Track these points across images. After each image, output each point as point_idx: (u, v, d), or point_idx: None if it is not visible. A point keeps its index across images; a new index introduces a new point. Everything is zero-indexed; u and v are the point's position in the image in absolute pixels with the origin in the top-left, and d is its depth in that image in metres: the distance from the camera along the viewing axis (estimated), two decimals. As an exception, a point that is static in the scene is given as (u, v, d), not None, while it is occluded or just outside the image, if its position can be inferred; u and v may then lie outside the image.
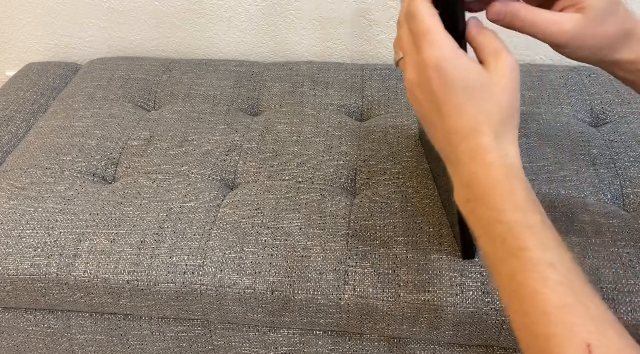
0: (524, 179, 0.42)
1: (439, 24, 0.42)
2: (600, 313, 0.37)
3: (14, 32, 1.09)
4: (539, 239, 0.39)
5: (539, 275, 0.38)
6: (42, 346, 0.72)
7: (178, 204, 0.70)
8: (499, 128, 0.42)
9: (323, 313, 0.63)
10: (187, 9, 1.01)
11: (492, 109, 0.41)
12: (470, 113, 0.41)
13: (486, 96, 0.41)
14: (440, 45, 0.41)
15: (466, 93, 0.41)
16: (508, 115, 0.42)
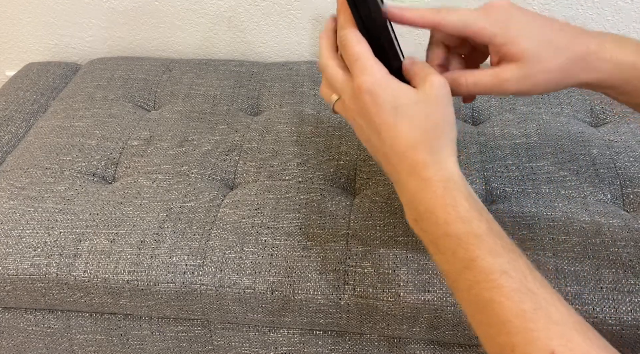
0: (466, 190, 0.42)
1: (367, 50, 0.44)
2: (562, 316, 0.36)
3: (14, 32, 1.09)
4: (487, 248, 0.39)
5: (493, 284, 0.37)
6: (42, 346, 0.72)
7: (178, 204, 0.70)
8: (434, 143, 0.42)
9: (323, 313, 0.63)
10: (187, 9, 1.01)
11: (426, 126, 0.42)
12: (405, 132, 0.42)
13: (418, 113, 0.42)
14: (370, 71, 0.43)
15: (399, 112, 0.42)
16: (442, 130, 0.43)
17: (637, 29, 0.94)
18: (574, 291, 0.59)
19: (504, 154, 0.75)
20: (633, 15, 0.92)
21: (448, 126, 0.43)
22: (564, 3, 0.92)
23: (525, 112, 0.83)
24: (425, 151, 0.42)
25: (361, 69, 0.43)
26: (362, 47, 0.44)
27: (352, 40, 0.44)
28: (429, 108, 0.43)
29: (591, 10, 0.92)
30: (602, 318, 0.58)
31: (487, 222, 0.40)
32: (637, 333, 0.57)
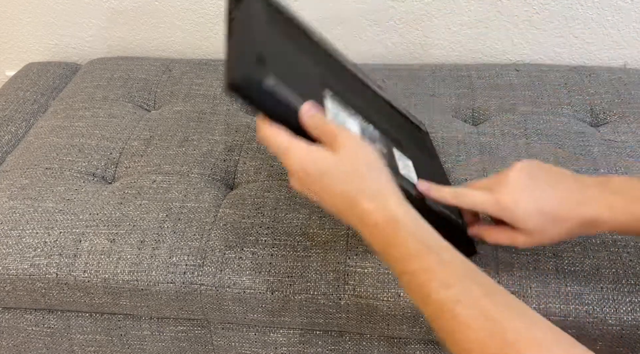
0: (412, 225, 0.44)
1: (284, 135, 0.48)
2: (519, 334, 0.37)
3: (14, 32, 1.09)
4: (439, 281, 0.41)
5: (449, 314, 0.39)
6: (42, 346, 0.72)
7: (178, 204, 0.70)
8: (369, 191, 0.46)
9: (323, 313, 0.63)
10: (187, 9, 1.01)
11: (354, 179, 0.46)
12: (339, 191, 0.46)
13: (343, 173, 0.46)
14: (292, 153, 0.47)
15: (326, 177, 0.46)
16: (371, 177, 0.46)
17: (637, 29, 0.94)
18: (574, 291, 0.59)
19: (504, 154, 0.75)
20: (633, 15, 0.92)
21: (375, 171, 0.47)
22: (564, 3, 0.92)
23: (525, 112, 0.83)
24: (365, 200, 0.45)
25: (285, 155, 0.48)
26: (279, 136, 0.48)
27: (269, 136, 0.48)
28: (350, 165, 0.46)
29: (591, 10, 0.92)
30: (602, 318, 0.58)
31: (436, 254, 0.42)
32: (637, 333, 0.57)
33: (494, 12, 0.94)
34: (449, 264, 0.42)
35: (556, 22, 0.94)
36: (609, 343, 0.59)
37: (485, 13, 0.95)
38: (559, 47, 0.97)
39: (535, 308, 0.58)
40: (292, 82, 0.49)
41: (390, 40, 1.00)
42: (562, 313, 0.58)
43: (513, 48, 0.98)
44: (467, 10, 0.95)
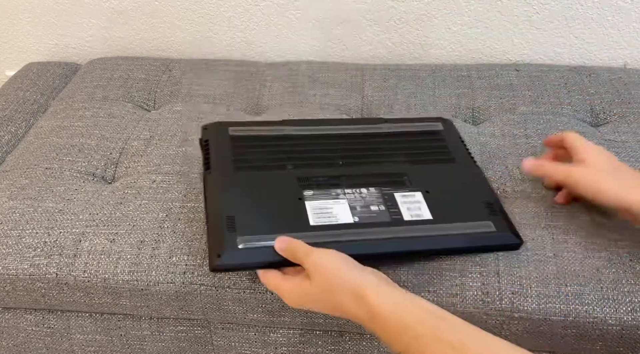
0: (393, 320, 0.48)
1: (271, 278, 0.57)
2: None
3: (14, 32, 1.09)
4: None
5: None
6: (42, 346, 0.72)
7: (178, 204, 0.70)
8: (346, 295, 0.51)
9: (323, 313, 0.63)
10: (187, 9, 1.01)
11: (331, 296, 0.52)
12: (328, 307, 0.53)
13: (320, 292, 0.53)
14: (281, 292, 0.56)
15: (313, 301, 0.54)
16: (348, 286, 0.51)
17: (637, 29, 0.94)
18: (574, 291, 0.59)
19: (504, 154, 0.75)
20: (633, 15, 0.92)
21: (349, 283, 0.51)
22: (564, 3, 0.92)
23: (525, 112, 0.83)
24: (346, 306, 0.51)
25: (278, 292, 0.57)
26: (269, 280, 0.57)
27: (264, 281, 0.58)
28: (321, 285, 0.52)
29: (591, 10, 0.92)
30: (602, 318, 0.58)
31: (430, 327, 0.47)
32: (637, 333, 0.57)
33: (494, 12, 0.94)
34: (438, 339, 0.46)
35: (556, 22, 0.94)
36: (609, 343, 0.59)
37: (485, 13, 0.95)
38: (559, 47, 0.97)
39: (536, 308, 0.58)
40: (263, 226, 0.59)
41: (390, 40, 1.00)
42: (562, 313, 0.58)
43: (513, 48, 0.98)
44: (467, 10, 0.95)
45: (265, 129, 0.72)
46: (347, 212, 0.61)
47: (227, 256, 0.57)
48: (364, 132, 0.73)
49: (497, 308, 0.59)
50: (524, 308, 0.58)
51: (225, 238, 0.58)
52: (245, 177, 0.65)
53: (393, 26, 0.98)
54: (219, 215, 0.60)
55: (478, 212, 0.63)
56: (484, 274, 0.60)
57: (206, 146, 0.70)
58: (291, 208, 0.61)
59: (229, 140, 0.70)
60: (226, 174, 0.66)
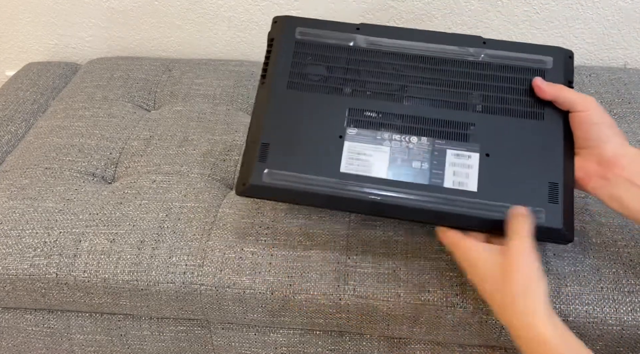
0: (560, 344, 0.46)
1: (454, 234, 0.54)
2: None
3: (14, 32, 1.09)
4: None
5: None
6: (42, 346, 0.72)
7: (178, 204, 0.70)
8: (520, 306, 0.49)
9: (323, 313, 0.63)
10: (187, 9, 1.01)
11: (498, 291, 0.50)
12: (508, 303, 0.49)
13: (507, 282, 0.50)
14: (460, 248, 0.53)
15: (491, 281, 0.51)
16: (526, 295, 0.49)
17: (637, 29, 0.94)
18: (574, 291, 0.59)
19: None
20: (633, 15, 0.92)
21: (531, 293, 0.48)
22: (564, 3, 0.92)
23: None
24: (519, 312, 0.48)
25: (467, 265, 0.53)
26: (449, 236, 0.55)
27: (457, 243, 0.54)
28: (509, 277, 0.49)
29: (591, 11, 0.92)
30: (602, 318, 0.58)
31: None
32: (637, 333, 0.57)
33: (494, 12, 0.94)
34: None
35: (556, 22, 0.94)
36: (609, 343, 0.59)
37: (485, 13, 0.95)
38: (559, 47, 0.97)
39: (535, 308, 0.58)
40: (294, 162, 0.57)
41: (390, 40, 1.00)
42: (562, 313, 0.58)
43: (513, 48, 0.98)
44: (467, 10, 0.95)
45: (335, 36, 0.62)
46: (384, 164, 0.57)
47: (251, 186, 0.57)
48: (449, 56, 0.60)
49: (497, 308, 0.59)
50: (524, 308, 0.58)
51: (254, 167, 0.57)
52: (296, 98, 0.60)
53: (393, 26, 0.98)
54: (257, 138, 0.59)
55: (536, 194, 0.55)
56: (484, 274, 0.60)
57: (270, 45, 0.64)
58: (328, 147, 0.58)
59: (293, 44, 0.63)
60: (278, 90, 0.61)
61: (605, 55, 0.97)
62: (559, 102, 0.57)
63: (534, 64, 0.59)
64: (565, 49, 0.61)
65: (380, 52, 0.61)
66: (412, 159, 0.57)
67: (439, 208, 0.55)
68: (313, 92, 0.60)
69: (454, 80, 0.59)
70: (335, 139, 0.58)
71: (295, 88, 0.61)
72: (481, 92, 0.59)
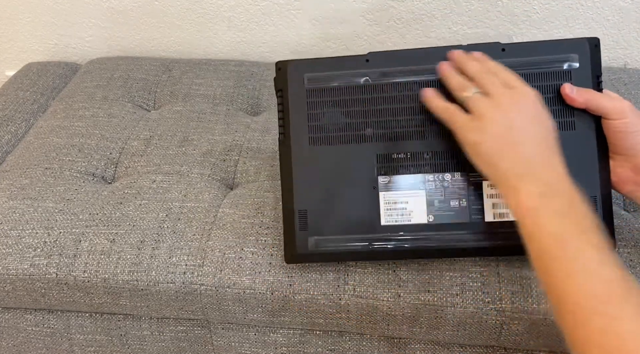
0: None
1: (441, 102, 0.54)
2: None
3: (14, 32, 1.09)
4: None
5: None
6: (42, 346, 0.72)
7: (178, 204, 0.70)
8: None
9: (323, 313, 0.63)
10: (187, 9, 1.01)
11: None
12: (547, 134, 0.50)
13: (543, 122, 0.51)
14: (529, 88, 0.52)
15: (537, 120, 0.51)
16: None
17: (637, 29, 0.94)
18: (574, 291, 0.58)
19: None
20: (633, 15, 0.92)
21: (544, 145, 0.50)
22: (564, 3, 0.92)
23: (525, 112, 0.82)
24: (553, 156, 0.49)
25: (524, 83, 0.52)
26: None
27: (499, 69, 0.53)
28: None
29: (591, 11, 0.92)
30: (602, 318, 0.57)
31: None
32: (637, 333, 0.57)
33: (494, 12, 0.94)
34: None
35: (556, 22, 0.94)
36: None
37: (485, 13, 0.95)
38: (559, 47, 0.97)
39: (536, 307, 0.58)
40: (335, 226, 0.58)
41: (390, 40, 1.00)
42: (562, 313, 0.58)
43: (513, 48, 0.98)
44: (467, 10, 0.95)
45: (345, 75, 0.59)
46: (423, 209, 0.57)
47: (299, 255, 0.59)
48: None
49: (497, 308, 0.59)
50: (524, 308, 0.58)
51: (296, 236, 0.59)
52: (321, 155, 0.59)
53: (393, 26, 0.98)
54: (292, 206, 0.59)
55: None
56: (484, 274, 0.60)
57: (280, 97, 0.60)
58: (364, 201, 0.58)
59: (305, 95, 0.60)
60: (300, 149, 0.59)
61: (605, 55, 0.97)
62: (591, 110, 0.55)
63: (559, 66, 0.56)
64: (589, 39, 0.57)
65: (395, 84, 0.58)
66: (450, 198, 0.57)
67: (482, 245, 0.56)
68: (336, 144, 0.59)
69: None
70: (370, 191, 0.58)
71: (317, 143, 0.59)
72: None
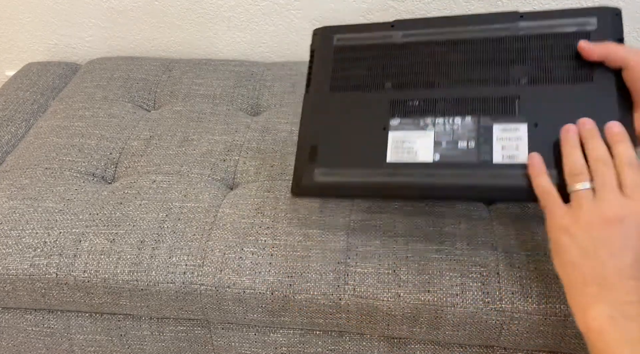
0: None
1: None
2: None
3: (14, 32, 1.09)
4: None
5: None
6: (42, 346, 0.72)
7: (178, 204, 0.70)
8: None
9: (323, 313, 0.63)
10: (187, 9, 1.01)
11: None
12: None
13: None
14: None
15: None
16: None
17: (637, 29, 0.94)
18: (574, 291, 0.59)
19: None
20: (633, 15, 0.92)
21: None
22: (564, 3, 0.92)
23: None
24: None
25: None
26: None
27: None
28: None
29: (591, 10, 0.92)
30: (602, 318, 0.57)
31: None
32: (637, 333, 0.57)
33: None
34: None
35: (556, 22, 0.94)
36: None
37: (485, 13, 0.95)
38: (559, 47, 0.97)
39: (536, 308, 0.58)
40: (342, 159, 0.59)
41: (390, 40, 1.00)
42: (562, 313, 0.58)
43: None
44: (467, 10, 0.95)
45: (372, 36, 0.64)
46: (430, 148, 0.57)
47: (304, 186, 0.60)
48: (487, 35, 0.60)
49: (497, 308, 0.59)
50: (524, 308, 0.58)
51: (305, 168, 0.60)
52: (339, 99, 0.62)
53: (393, 26, 0.98)
54: (305, 143, 0.61)
55: None
56: (484, 274, 0.60)
57: (311, 57, 0.66)
58: (374, 139, 0.59)
59: (333, 51, 0.65)
60: (322, 95, 0.63)
61: (605, 55, 0.97)
62: (609, 60, 0.53)
63: (577, 28, 0.57)
64: (610, 8, 0.58)
65: (417, 44, 0.62)
66: (458, 139, 0.56)
67: (489, 183, 0.54)
68: (356, 91, 0.62)
69: (495, 58, 0.58)
70: (380, 132, 0.59)
71: (338, 90, 0.63)
72: (524, 66, 0.57)
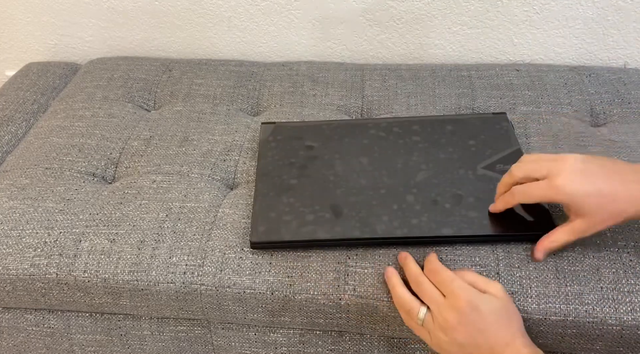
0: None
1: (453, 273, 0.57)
2: None
3: (14, 32, 1.09)
4: None
5: None
6: (42, 346, 0.72)
7: (178, 204, 0.70)
8: (522, 330, 0.54)
9: (323, 313, 0.63)
10: (187, 9, 1.01)
11: (513, 320, 0.54)
12: (504, 328, 0.53)
13: (505, 313, 0.54)
14: (467, 288, 0.54)
15: (496, 315, 0.53)
16: (519, 321, 0.55)
17: (637, 29, 0.94)
18: (574, 291, 0.59)
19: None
20: (633, 15, 0.92)
21: (520, 317, 0.55)
22: (564, 3, 0.92)
23: (526, 112, 0.83)
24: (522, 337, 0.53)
25: (460, 287, 0.54)
26: (450, 272, 0.56)
27: (443, 266, 0.58)
28: (508, 307, 0.54)
29: (591, 10, 0.92)
30: (602, 318, 0.58)
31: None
32: (637, 333, 0.57)
33: (494, 12, 0.94)
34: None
35: (556, 22, 0.94)
36: (609, 343, 0.59)
37: (485, 13, 0.95)
38: (559, 47, 0.97)
39: (536, 308, 0.58)
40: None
41: (390, 40, 1.00)
42: (562, 313, 0.58)
43: (513, 48, 0.98)
44: (467, 10, 0.95)
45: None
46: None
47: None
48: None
49: (497, 308, 0.59)
50: (524, 308, 0.58)
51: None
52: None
53: (393, 26, 0.98)
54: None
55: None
56: (484, 274, 0.60)
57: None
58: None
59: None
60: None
61: (605, 55, 0.97)
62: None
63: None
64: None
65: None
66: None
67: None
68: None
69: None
70: None
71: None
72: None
